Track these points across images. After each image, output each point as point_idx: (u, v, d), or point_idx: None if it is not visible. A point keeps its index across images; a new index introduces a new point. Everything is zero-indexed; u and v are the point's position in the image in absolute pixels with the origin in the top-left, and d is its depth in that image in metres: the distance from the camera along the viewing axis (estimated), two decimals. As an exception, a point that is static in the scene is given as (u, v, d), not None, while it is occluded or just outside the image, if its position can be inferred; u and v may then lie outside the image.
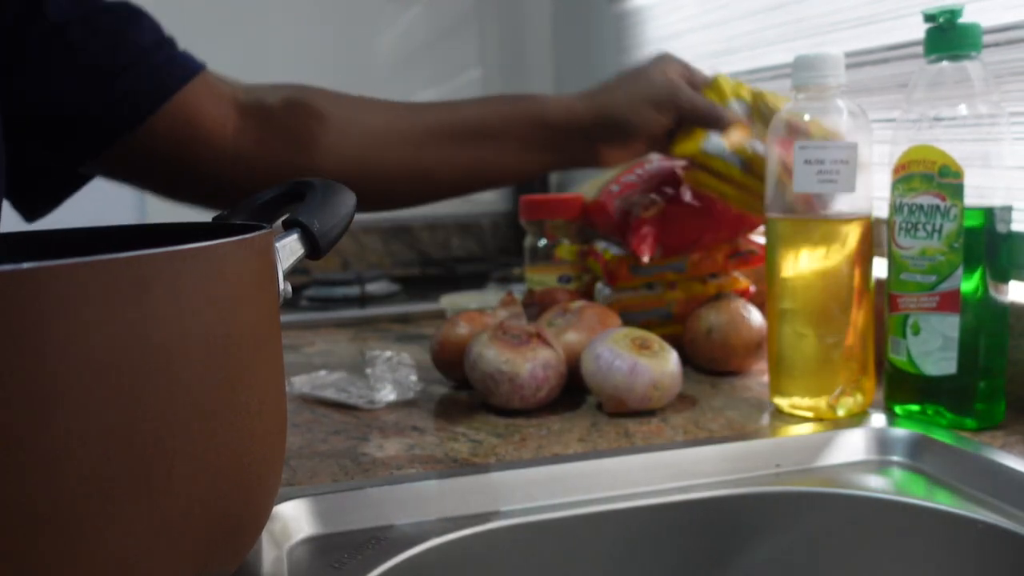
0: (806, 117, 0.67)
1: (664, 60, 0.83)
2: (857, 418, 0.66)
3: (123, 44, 0.71)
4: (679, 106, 0.79)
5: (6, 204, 0.72)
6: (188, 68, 0.74)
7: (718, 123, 0.78)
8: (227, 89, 0.78)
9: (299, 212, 0.45)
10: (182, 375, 0.34)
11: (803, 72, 0.66)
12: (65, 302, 0.30)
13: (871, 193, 0.66)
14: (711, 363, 0.82)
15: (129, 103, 0.71)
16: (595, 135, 0.82)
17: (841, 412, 0.66)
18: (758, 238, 0.95)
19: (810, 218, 0.67)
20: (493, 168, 0.83)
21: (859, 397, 0.67)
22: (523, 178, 0.88)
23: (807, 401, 0.67)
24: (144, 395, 0.33)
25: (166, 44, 0.74)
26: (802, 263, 0.67)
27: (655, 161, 0.94)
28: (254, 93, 0.79)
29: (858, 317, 0.66)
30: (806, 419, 0.66)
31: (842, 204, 0.66)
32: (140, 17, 0.73)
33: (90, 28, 0.69)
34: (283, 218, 0.46)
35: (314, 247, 0.44)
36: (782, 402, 0.69)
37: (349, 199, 0.47)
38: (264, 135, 0.77)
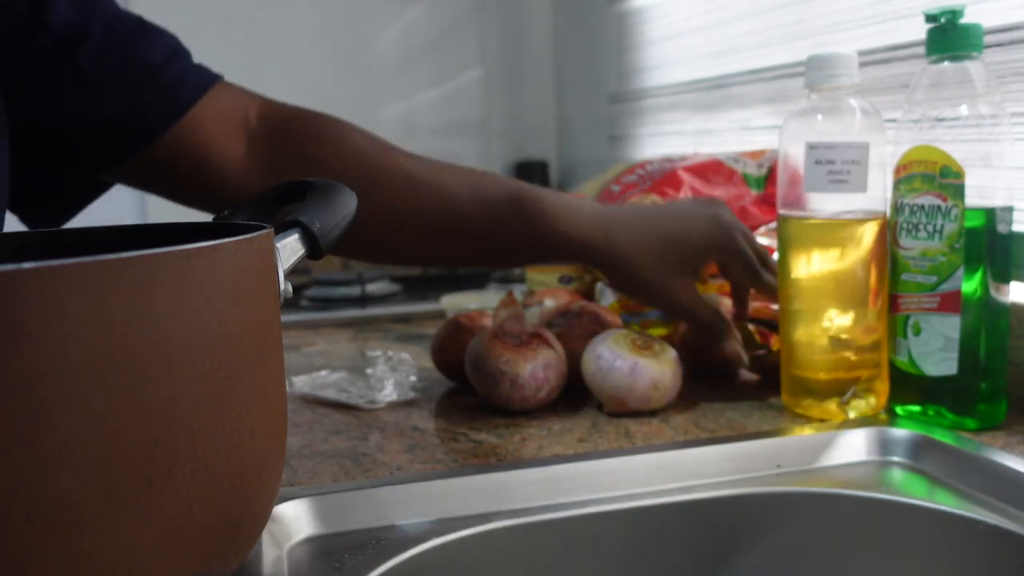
0: (819, 117, 0.66)
1: (724, 228, 0.74)
2: (859, 419, 0.65)
3: (131, 60, 0.67)
4: (692, 315, 0.75)
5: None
6: (196, 87, 0.70)
7: (715, 336, 0.75)
8: (239, 109, 0.73)
9: (300, 212, 0.45)
10: (184, 374, 0.34)
11: (816, 72, 0.66)
12: (67, 302, 0.30)
13: (886, 193, 0.66)
14: (713, 368, 0.81)
15: (133, 125, 0.68)
16: (589, 263, 0.79)
17: (852, 414, 0.66)
18: (760, 239, 0.95)
19: (824, 219, 0.67)
20: (480, 262, 0.85)
21: (871, 399, 0.66)
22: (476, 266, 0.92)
23: (819, 403, 0.67)
24: (146, 395, 0.33)
25: (177, 59, 0.71)
26: (816, 264, 0.66)
27: (655, 162, 0.94)
28: (269, 119, 0.74)
29: (873, 318, 0.66)
30: (817, 420, 0.66)
31: (857, 204, 0.65)
32: (148, 30, 0.70)
33: (95, 43, 0.66)
34: (285, 218, 0.46)
35: (314, 247, 0.44)
36: (793, 403, 0.69)
37: (350, 199, 0.47)
38: (269, 174, 0.73)
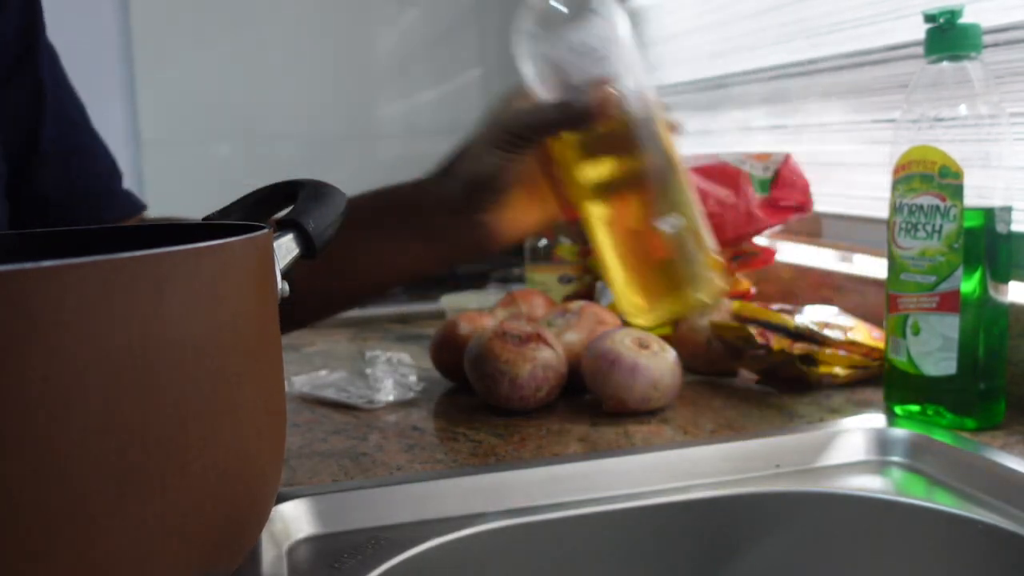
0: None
1: (502, 100, 0.65)
2: (857, 418, 0.65)
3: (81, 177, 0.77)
4: (521, 128, 0.61)
5: None
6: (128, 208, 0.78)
7: (574, 117, 0.59)
8: None
9: (293, 212, 0.45)
10: (194, 372, 0.34)
11: None
12: (83, 300, 0.30)
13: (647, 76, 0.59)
14: (715, 367, 0.81)
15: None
16: (466, 206, 0.65)
17: (704, 297, 0.58)
18: (761, 240, 0.95)
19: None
20: (363, 270, 0.69)
21: (716, 280, 0.59)
22: (397, 280, 0.73)
23: (667, 303, 0.59)
24: (158, 393, 0.33)
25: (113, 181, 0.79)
26: (602, 166, 0.59)
27: None
28: None
29: (690, 193, 0.59)
30: (666, 324, 0.60)
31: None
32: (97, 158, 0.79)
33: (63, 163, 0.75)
34: (278, 218, 0.46)
35: (309, 246, 0.44)
36: (641, 321, 0.60)
37: (341, 199, 0.48)
38: None
